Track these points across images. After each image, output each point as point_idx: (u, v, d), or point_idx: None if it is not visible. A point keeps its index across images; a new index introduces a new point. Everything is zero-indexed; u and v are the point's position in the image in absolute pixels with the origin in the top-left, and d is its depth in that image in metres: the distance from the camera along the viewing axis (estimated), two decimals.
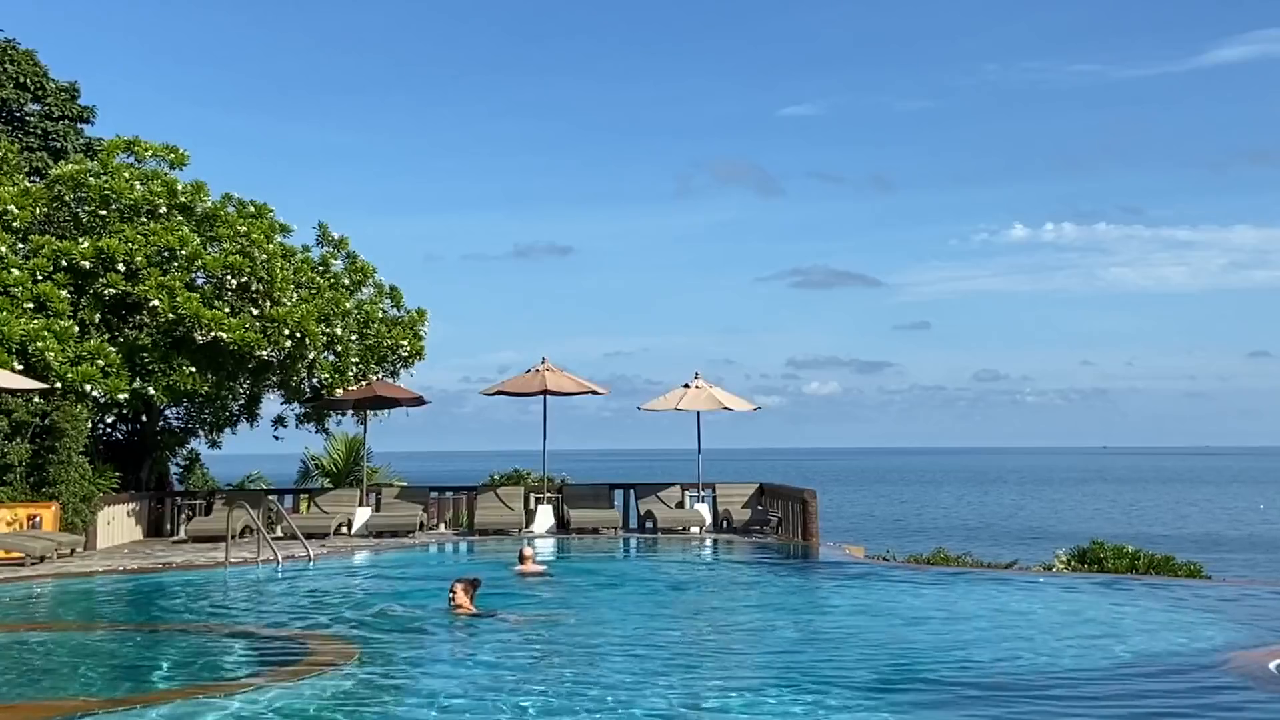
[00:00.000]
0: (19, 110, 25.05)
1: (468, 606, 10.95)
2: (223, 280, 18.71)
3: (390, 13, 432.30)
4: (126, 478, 20.19)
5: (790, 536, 19.00)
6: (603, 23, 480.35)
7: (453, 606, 10.94)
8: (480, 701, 7.51)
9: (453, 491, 22.36)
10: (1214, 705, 7.50)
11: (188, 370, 18.30)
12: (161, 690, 8.11)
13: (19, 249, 18.56)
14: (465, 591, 11.03)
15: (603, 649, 9.70)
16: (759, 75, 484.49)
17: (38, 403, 17.25)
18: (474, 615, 10.91)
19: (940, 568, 15.77)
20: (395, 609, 11.83)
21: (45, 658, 9.57)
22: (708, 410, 21.08)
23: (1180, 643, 9.83)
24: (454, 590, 11.02)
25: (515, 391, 21.05)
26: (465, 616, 10.86)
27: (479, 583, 11.31)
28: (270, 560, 15.67)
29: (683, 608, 12.60)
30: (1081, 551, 17.23)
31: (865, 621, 11.32)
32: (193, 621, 11.37)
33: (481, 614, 10.96)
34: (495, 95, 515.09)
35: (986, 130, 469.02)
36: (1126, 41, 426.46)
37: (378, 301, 22.08)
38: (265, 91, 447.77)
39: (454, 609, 10.92)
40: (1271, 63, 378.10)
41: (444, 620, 10.84)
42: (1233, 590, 13.57)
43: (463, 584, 11.11)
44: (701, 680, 8.40)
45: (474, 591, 11.12)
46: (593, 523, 20.24)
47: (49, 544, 15.79)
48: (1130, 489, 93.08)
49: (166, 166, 20.71)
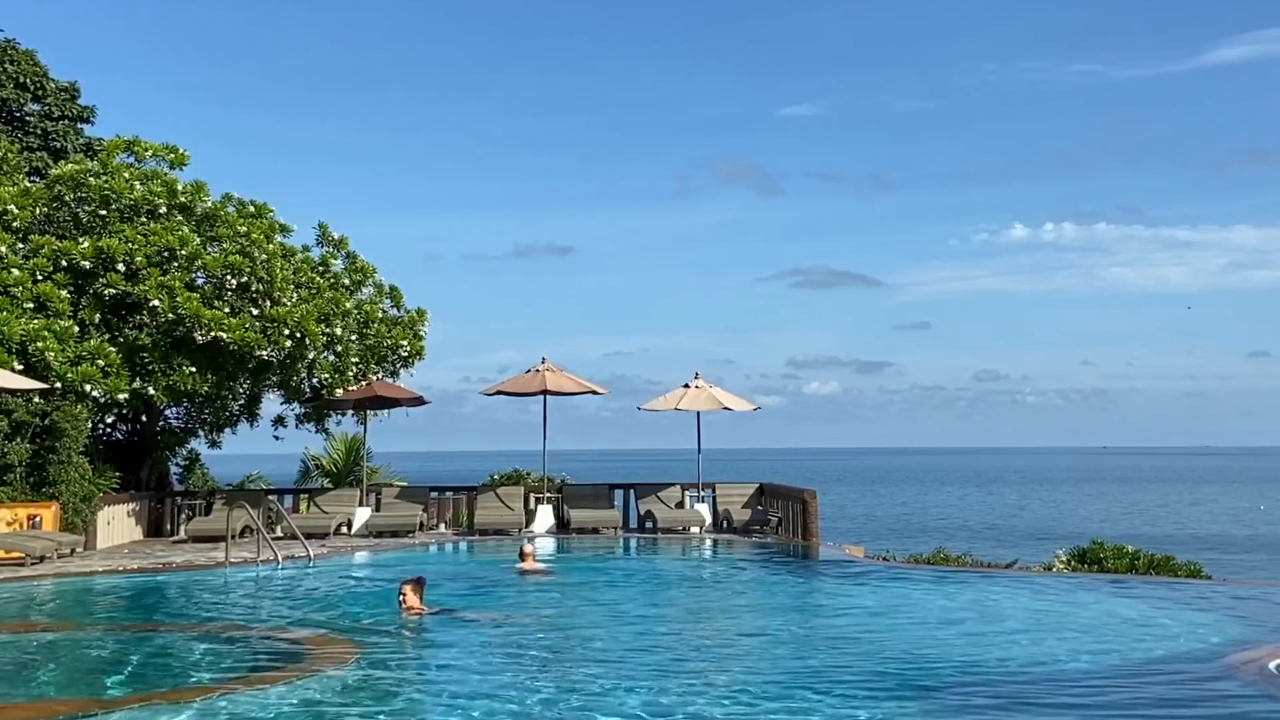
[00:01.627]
0: (19, 110, 25.05)
1: (419, 607, 10.84)
2: (223, 280, 18.71)
3: (390, 13, 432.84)
4: (126, 478, 20.19)
5: (790, 536, 18.99)
6: (602, 23, 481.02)
7: (404, 609, 10.81)
8: (481, 701, 7.51)
9: (453, 491, 22.36)
10: (1214, 705, 7.49)
11: (188, 370, 18.30)
12: (162, 690, 8.11)
13: (19, 249, 18.56)
14: (415, 591, 10.89)
15: (601, 649, 9.70)
16: (759, 75, 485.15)
17: (38, 403, 17.25)
18: (428, 614, 10.83)
19: (940, 568, 15.75)
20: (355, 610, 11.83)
21: (45, 658, 9.57)
22: (708, 410, 21.08)
23: (1180, 643, 9.83)
24: (403, 592, 10.88)
25: (515, 391, 21.05)
26: (418, 617, 10.73)
27: (424, 581, 11.17)
28: (270, 560, 15.67)
29: (682, 607, 12.60)
30: (1081, 551, 17.22)
31: (864, 622, 11.30)
32: (193, 622, 11.36)
33: (436, 612, 10.90)
34: (495, 95, 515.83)
35: (986, 130, 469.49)
36: (1126, 41, 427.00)
37: (378, 301, 22.08)
38: (265, 91, 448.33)
39: (405, 611, 10.80)
40: (1271, 63, 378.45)
41: (417, 622, 10.72)
42: (1233, 590, 13.56)
43: (411, 584, 10.96)
44: (701, 680, 8.39)
45: (422, 590, 10.98)
46: (593, 523, 20.24)
47: (49, 544, 15.79)
48: (1131, 489, 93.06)
49: (166, 166, 20.71)
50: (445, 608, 11.15)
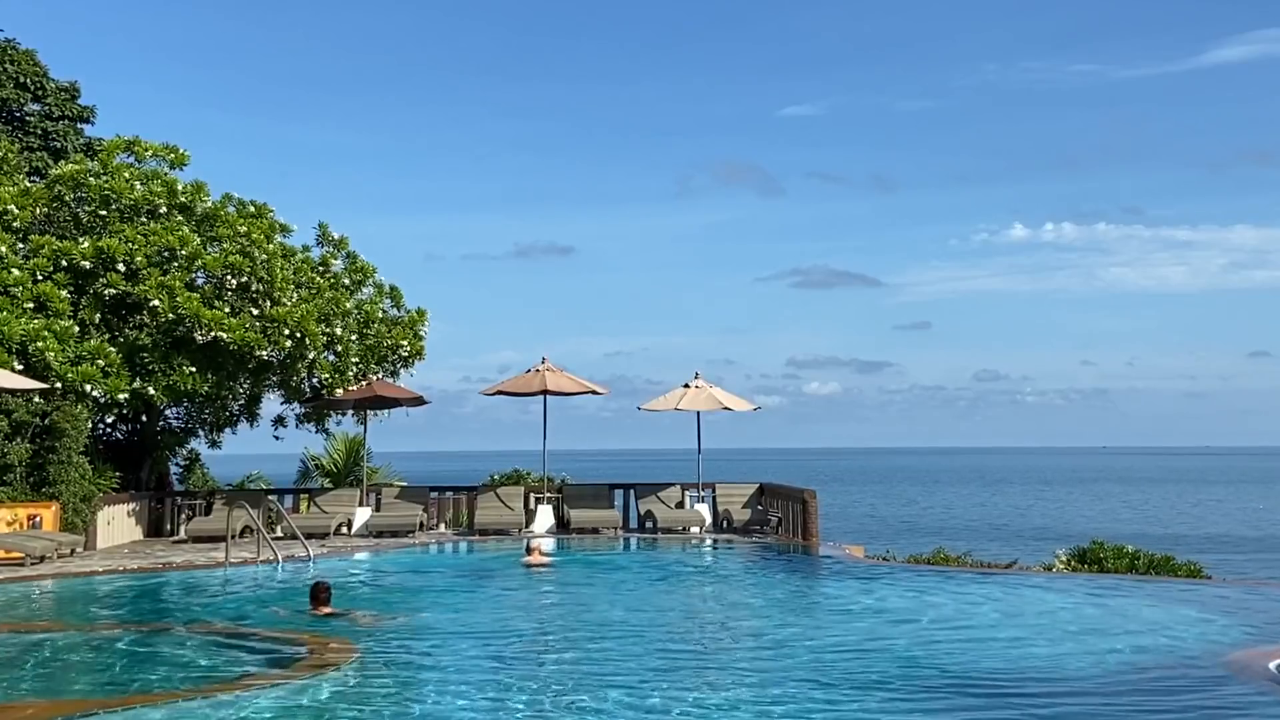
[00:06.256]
0: (19, 110, 25.06)
1: (327, 608, 11.24)
2: (223, 280, 18.71)
3: (390, 13, 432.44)
4: (126, 478, 20.19)
5: (790, 536, 18.99)
6: (603, 23, 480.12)
7: (315, 607, 11.20)
8: (482, 701, 7.51)
9: (453, 491, 22.36)
10: (1214, 705, 7.50)
11: (188, 370, 18.30)
12: (162, 690, 8.11)
13: (19, 249, 18.57)
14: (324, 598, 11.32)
15: (600, 649, 9.70)
16: (759, 75, 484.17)
17: (38, 403, 17.26)
18: (330, 615, 11.11)
19: (940, 568, 15.76)
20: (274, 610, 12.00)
21: (45, 658, 9.57)
22: (708, 410, 21.08)
23: (1180, 642, 9.83)
24: (318, 594, 11.32)
25: (515, 391, 21.05)
26: (323, 616, 11.09)
27: (327, 587, 11.52)
28: (270, 560, 15.67)
29: (681, 608, 12.59)
30: (1081, 552, 17.24)
31: (864, 621, 11.30)
32: (193, 622, 11.36)
33: (337, 613, 11.18)
34: (496, 95, 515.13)
35: (986, 130, 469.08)
36: (1126, 41, 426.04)
37: (378, 301, 22.07)
38: (265, 91, 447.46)
39: (315, 610, 11.18)
40: (1271, 63, 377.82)
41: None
42: (1233, 590, 13.57)
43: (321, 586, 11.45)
44: (700, 680, 8.39)
45: (327, 595, 11.36)
46: (593, 523, 20.24)
47: (49, 544, 15.79)
48: (1131, 489, 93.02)
49: (166, 166, 20.72)
50: (345, 610, 11.45)
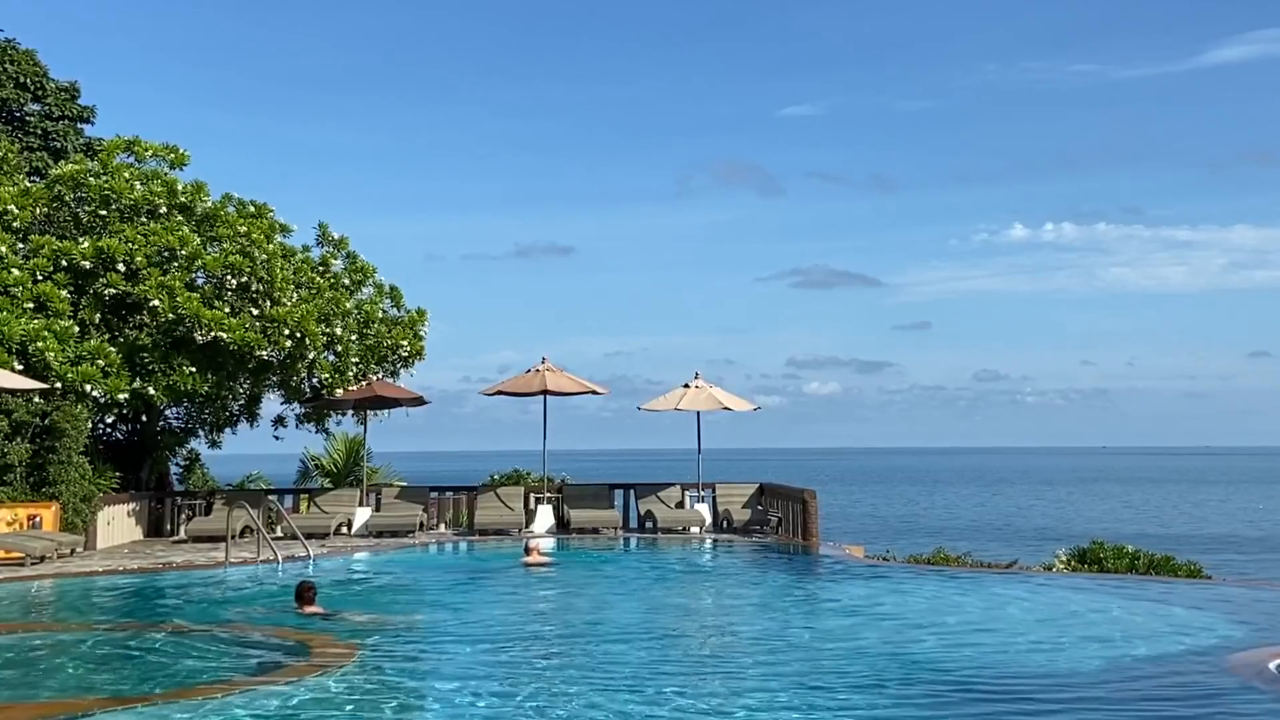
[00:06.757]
0: (19, 110, 25.05)
1: (313, 606, 11.29)
2: (223, 280, 18.71)
3: (389, 13, 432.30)
4: (126, 478, 20.19)
5: (790, 536, 18.99)
6: (603, 23, 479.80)
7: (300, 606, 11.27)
8: (482, 700, 7.51)
9: (453, 491, 22.36)
10: (1214, 705, 7.49)
11: (188, 370, 18.30)
12: (161, 690, 8.11)
13: (19, 249, 18.56)
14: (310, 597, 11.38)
15: (600, 650, 9.70)
16: (759, 75, 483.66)
17: (38, 403, 17.25)
18: (315, 614, 11.15)
19: (940, 568, 15.77)
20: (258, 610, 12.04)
21: (45, 658, 9.57)
22: (708, 410, 21.08)
23: (1180, 642, 9.83)
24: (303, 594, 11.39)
25: (515, 391, 21.05)
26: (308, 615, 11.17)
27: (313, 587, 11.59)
28: (270, 560, 15.67)
29: (681, 607, 12.59)
30: (1081, 552, 17.24)
31: (865, 621, 11.30)
32: (193, 622, 11.36)
33: (324, 613, 11.22)
34: (496, 95, 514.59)
35: (986, 130, 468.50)
36: (1126, 41, 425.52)
37: (378, 301, 22.07)
38: (264, 92, 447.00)
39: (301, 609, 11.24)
40: (1271, 63, 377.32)
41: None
42: (1233, 590, 13.58)
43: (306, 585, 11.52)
44: (698, 679, 8.39)
45: (313, 594, 11.42)
46: (593, 523, 20.23)
47: (49, 544, 15.79)
48: (1131, 489, 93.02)
49: (166, 166, 20.71)
50: (333, 610, 11.48)
